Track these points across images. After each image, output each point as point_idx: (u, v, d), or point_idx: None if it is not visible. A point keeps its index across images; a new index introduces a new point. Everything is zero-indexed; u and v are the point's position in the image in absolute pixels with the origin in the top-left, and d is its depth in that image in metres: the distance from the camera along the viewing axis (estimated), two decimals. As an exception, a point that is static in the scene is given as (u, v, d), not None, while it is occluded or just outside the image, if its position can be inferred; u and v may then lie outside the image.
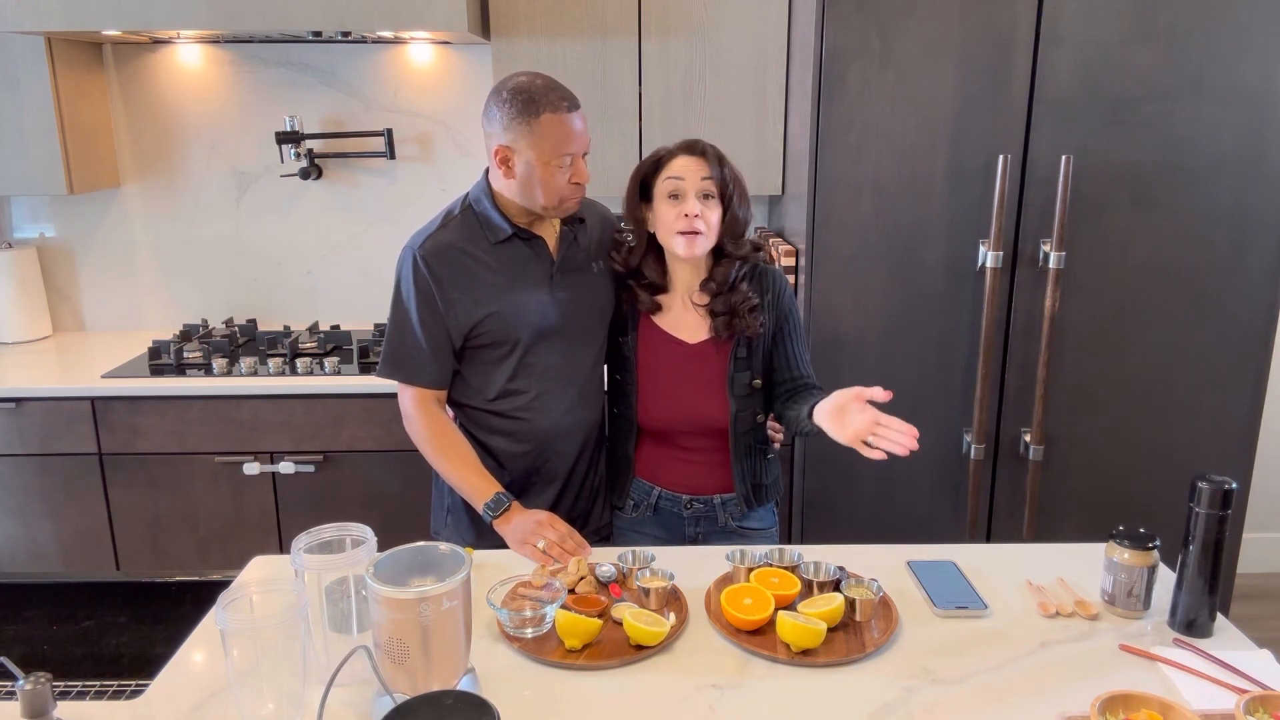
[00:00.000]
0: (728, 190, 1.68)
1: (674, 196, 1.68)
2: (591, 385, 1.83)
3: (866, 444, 1.47)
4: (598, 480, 1.89)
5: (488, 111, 1.67)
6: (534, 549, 1.57)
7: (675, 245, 1.68)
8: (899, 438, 1.43)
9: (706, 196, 1.67)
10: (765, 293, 1.75)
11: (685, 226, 1.66)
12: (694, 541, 1.84)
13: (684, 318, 1.77)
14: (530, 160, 1.64)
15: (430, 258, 1.69)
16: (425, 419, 1.74)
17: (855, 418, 1.49)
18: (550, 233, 1.77)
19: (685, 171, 1.67)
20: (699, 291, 1.75)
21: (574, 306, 1.76)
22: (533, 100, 1.62)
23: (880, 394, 1.48)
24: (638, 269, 1.77)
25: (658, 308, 1.78)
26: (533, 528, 1.61)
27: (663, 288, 1.77)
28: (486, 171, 1.74)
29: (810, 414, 1.60)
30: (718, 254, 1.74)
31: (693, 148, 1.70)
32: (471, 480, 1.70)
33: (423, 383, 1.74)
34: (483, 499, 1.67)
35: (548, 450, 1.80)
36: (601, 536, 1.90)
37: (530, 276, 1.73)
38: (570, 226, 1.79)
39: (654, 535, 1.86)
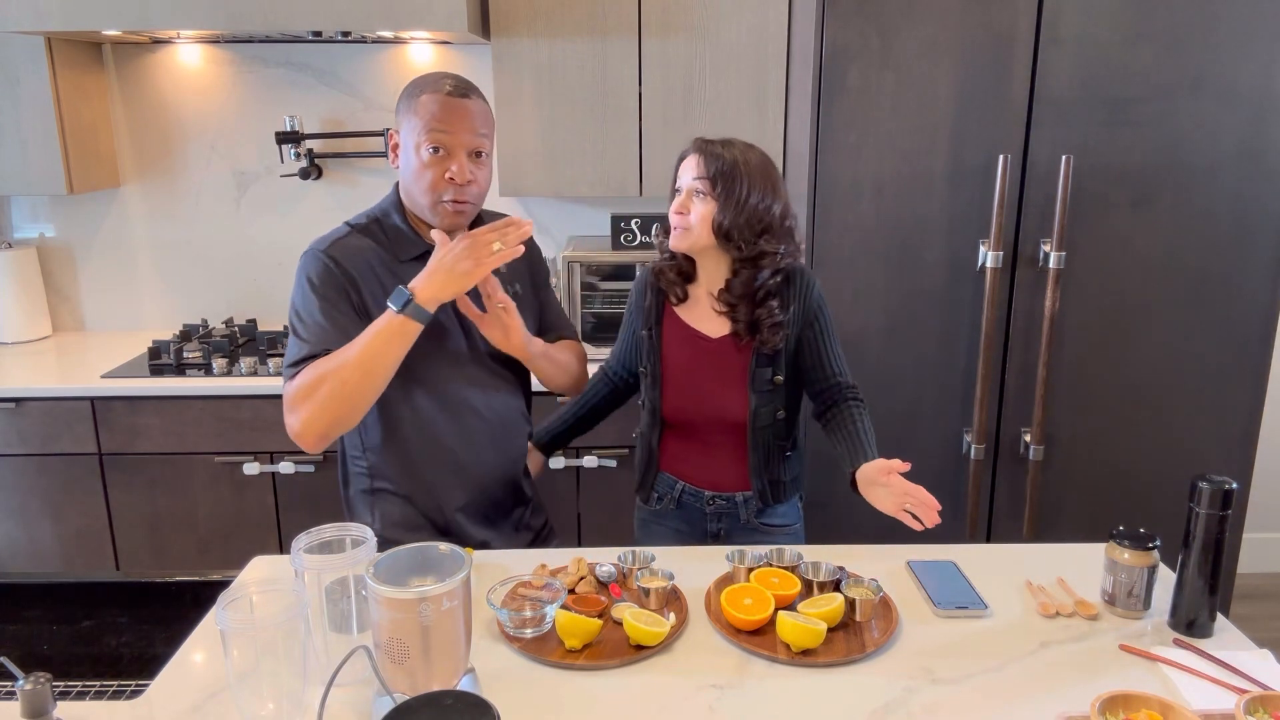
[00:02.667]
0: (716, 185, 1.65)
1: (676, 192, 1.72)
2: (514, 412, 1.71)
3: (909, 512, 1.50)
4: (543, 523, 1.84)
5: None
6: (495, 256, 1.44)
7: None
8: (923, 511, 1.47)
9: (698, 193, 1.68)
10: (792, 301, 1.72)
11: (672, 221, 1.71)
12: (715, 537, 1.85)
13: (707, 312, 1.77)
14: (404, 142, 1.54)
15: (340, 259, 1.54)
16: (307, 368, 1.50)
17: (884, 495, 1.53)
18: None
19: (685, 170, 1.70)
20: (717, 298, 1.73)
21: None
22: (419, 82, 1.54)
23: (899, 465, 1.52)
24: (672, 255, 1.77)
25: (685, 297, 1.78)
26: (463, 249, 1.44)
27: (691, 277, 1.78)
28: (396, 185, 1.63)
29: (853, 482, 1.63)
30: (742, 258, 1.70)
31: (698, 145, 1.70)
32: (369, 328, 1.47)
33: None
34: (388, 313, 1.46)
35: (473, 487, 1.67)
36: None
37: None
38: None
39: (675, 528, 1.87)
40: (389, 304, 1.46)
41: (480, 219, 1.67)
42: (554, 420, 1.96)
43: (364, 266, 1.56)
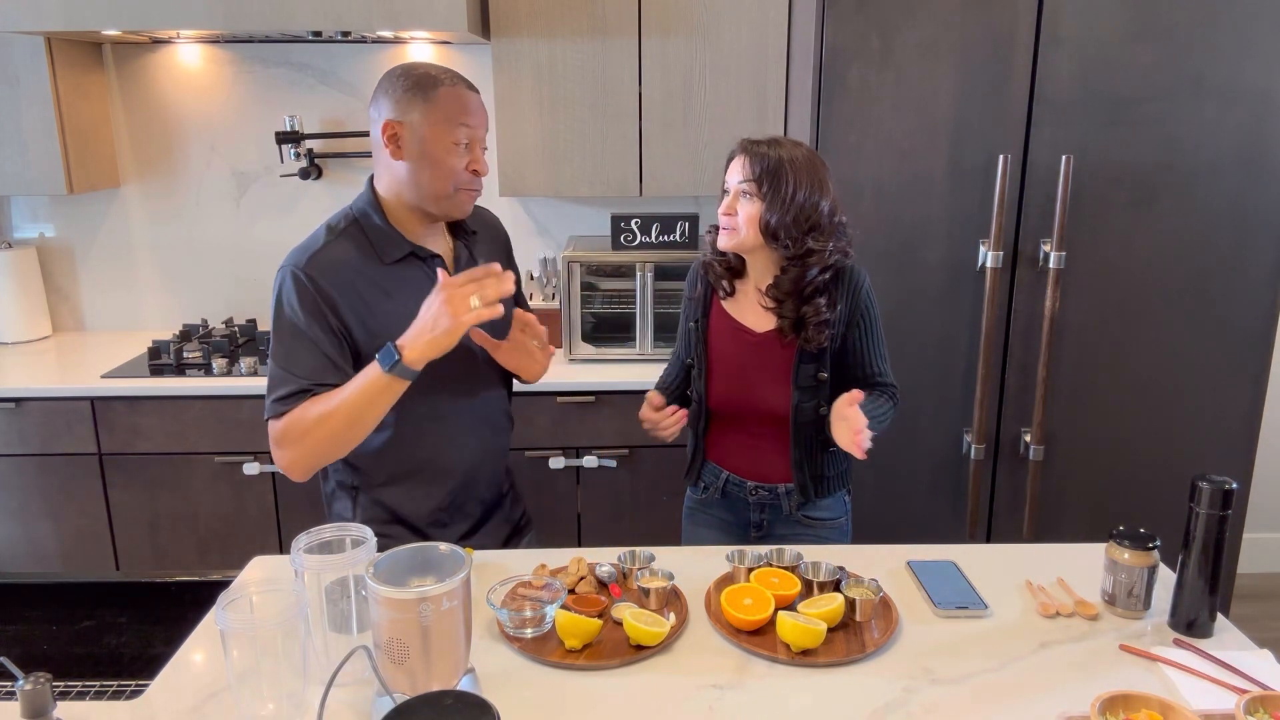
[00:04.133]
0: (762, 185, 1.66)
1: (724, 194, 1.74)
2: (497, 409, 1.71)
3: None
4: (521, 513, 1.84)
5: (375, 97, 1.52)
6: (473, 313, 1.37)
7: None
8: (860, 438, 1.54)
9: (745, 194, 1.69)
10: (840, 299, 1.72)
11: (720, 222, 1.73)
12: (759, 528, 1.86)
13: (753, 307, 1.78)
14: (424, 135, 1.48)
15: (318, 277, 1.50)
16: (296, 407, 1.47)
17: (843, 429, 1.59)
18: (444, 248, 1.61)
19: (732, 172, 1.72)
20: (765, 293, 1.74)
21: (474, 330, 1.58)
22: (429, 76, 1.49)
23: (857, 395, 1.58)
24: (721, 252, 1.78)
25: (732, 291, 1.79)
26: (440, 305, 1.38)
27: (739, 272, 1.79)
28: (370, 181, 1.58)
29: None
30: (790, 256, 1.71)
31: (744, 145, 1.71)
32: (358, 379, 1.44)
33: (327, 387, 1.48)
34: (377, 368, 1.42)
35: (457, 486, 1.66)
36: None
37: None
38: (463, 240, 1.64)
39: (720, 517, 1.89)
40: (377, 359, 1.41)
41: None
42: (664, 380, 1.94)
43: (344, 281, 1.51)
